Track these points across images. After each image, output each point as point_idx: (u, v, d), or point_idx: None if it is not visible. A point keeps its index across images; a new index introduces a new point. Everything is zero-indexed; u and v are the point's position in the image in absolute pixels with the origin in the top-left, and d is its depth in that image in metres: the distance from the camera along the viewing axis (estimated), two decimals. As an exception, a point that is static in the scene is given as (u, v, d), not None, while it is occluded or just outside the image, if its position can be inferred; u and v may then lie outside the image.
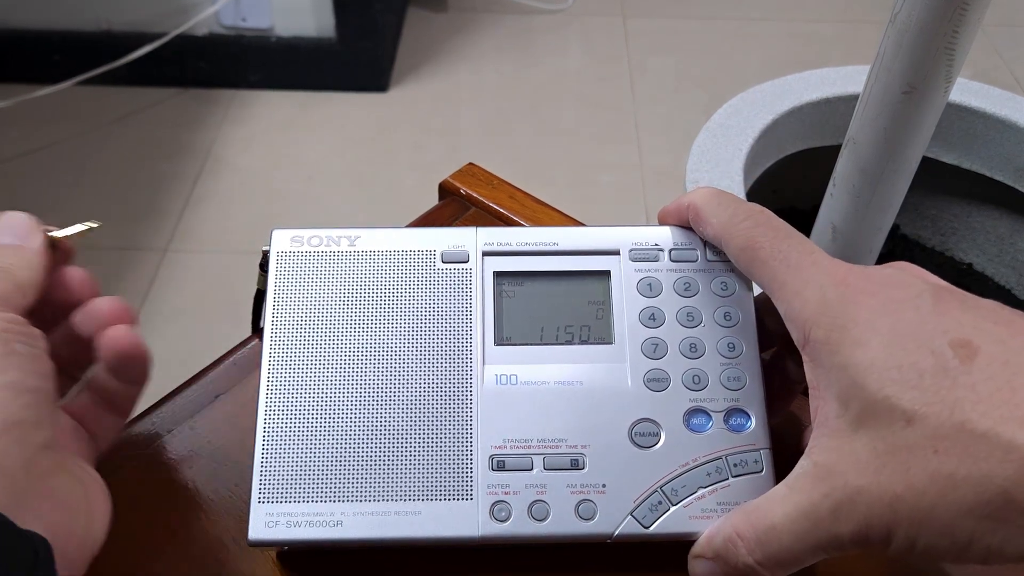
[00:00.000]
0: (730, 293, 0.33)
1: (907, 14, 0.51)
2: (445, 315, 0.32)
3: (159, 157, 1.50)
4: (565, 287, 0.33)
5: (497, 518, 0.30)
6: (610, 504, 0.30)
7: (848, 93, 0.81)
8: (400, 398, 0.31)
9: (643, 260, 0.33)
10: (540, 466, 0.31)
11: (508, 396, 0.32)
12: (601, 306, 0.33)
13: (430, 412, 0.31)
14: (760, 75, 0.88)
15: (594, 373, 0.32)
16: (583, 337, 0.33)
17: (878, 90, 0.55)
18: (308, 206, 1.43)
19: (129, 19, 1.56)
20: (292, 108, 1.61)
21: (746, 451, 0.31)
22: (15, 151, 1.50)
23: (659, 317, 0.32)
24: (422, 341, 0.32)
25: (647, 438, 0.31)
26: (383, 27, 1.62)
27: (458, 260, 0.33)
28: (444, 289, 0.33)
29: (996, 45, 1.76)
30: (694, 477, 0.31)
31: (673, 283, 0.33)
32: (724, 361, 0.32)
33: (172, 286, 1.29)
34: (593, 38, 1.81)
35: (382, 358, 0.32)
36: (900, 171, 0.59)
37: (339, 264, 0.33)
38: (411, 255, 0.33)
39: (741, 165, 0.75)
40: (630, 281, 0.33)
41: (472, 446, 0.31)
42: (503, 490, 0.30)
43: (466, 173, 0.49)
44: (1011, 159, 0.80)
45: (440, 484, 0.30)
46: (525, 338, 0.33)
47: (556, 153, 1.54)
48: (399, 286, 0.33)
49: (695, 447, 0.31)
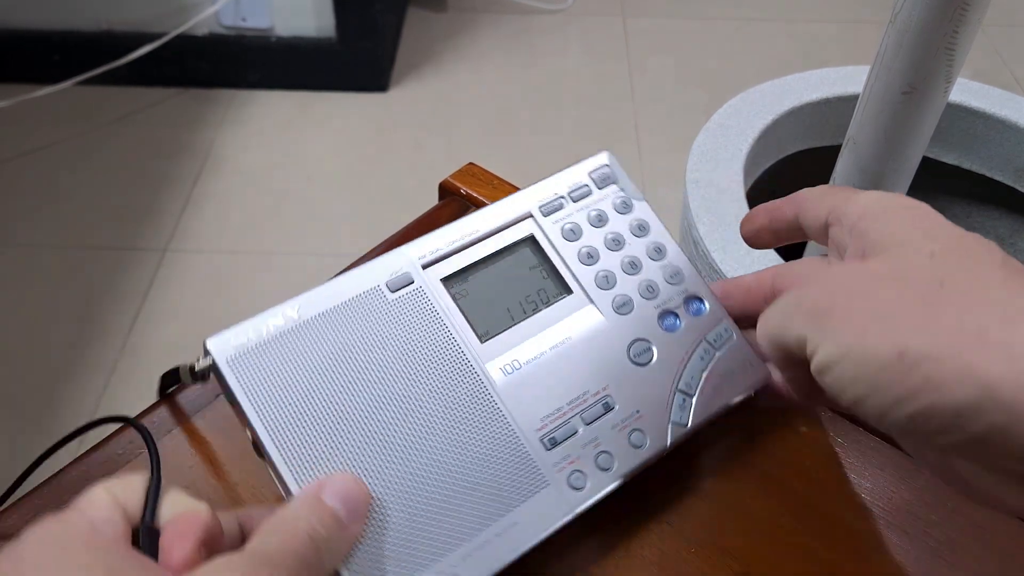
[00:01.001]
0: (631, 209, 0.37)
1: (907, 14, 0.51)
2: (422, 339, 0.32)
3: (159, 157, 1.50)
4: (504, 264, 0.35)
5: (576, 487, 0.31)
6: (651, 424, 0.33)
7: (848, 93, 0.81)
8: (433, 434, 0.31)
9: (553, 212, 0.36)
10: (582, 424, 0.32)
11: (520, 381, 0.33)
12: (542, 267, 0.35)
13: (466, 432, 0.31)
14: (760, 75, 0.88)
15: (573, 324, 0.34)
16: (544, 300, 0.35)
17: (878, 90, 0.55)
18: (308, 206, 1.43)
19: (129, 19, 1.56)
20: (292, 108, 1.61)
21: (715, 327, 0.35)
22: (15, 151, 1.50)
23: (593, 253, 0.35)
24: (418, 374, 0.31)
25: (644, 355, 0.34)
26: (383, 27, 1.62)
27: (404, 284, 0.33)
28: (407, 316, 0.32)
29: (996, 45, 1.76)
30: (694, 366, 0.34)
31: (587, 220, 0.36)
32: (658, 264, 0.36)
33: (172, 286, 1.29)
34: (593, 38, 1.81)
35: (394, 408, 0.31)
36: (900, 171, 0.59)
37: (297, 341, 0.31)
38: (359, 300, 0.32)
39: (741, 165, 0.75)
40: (553, 234, 0.35)
41: (520, 439, 0.32)
42: (567, 461, 0.32)
43: (466, 173, 0.49)
44: (1011, 159, 0.81)
45: (516, 487, 0.31)
46: (501, 325, 0.34)
47: (556, 153, 1.54)
48: (365, 334, 0.31)
49: (680, 343, 0.35)
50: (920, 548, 0.33)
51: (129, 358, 1.19)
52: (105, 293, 1.28)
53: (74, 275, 1.31)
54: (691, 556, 0.33)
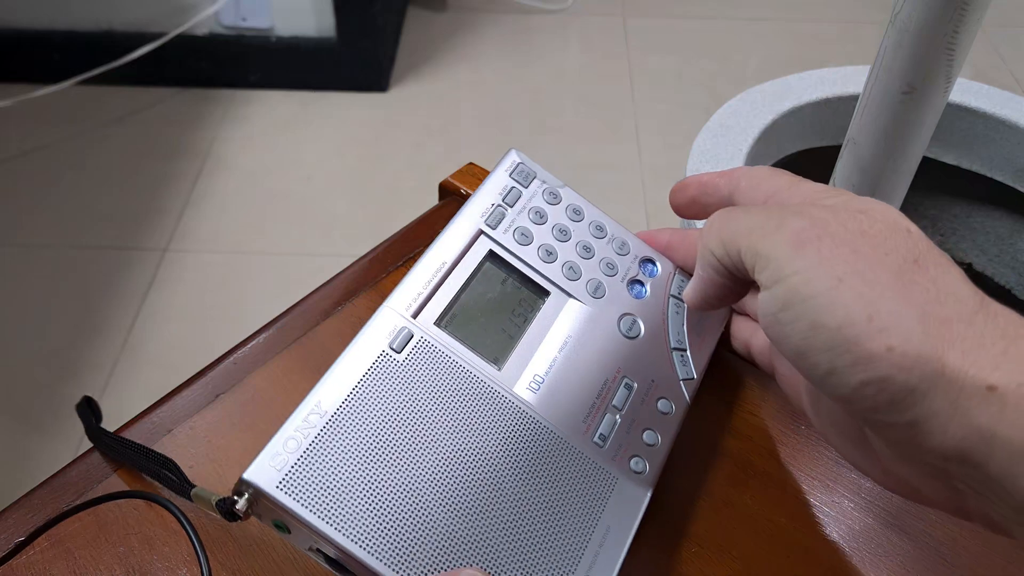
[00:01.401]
0: (559, 197, 0.38)
1: (907, 14, 0.51)
2: (447, 387, 0.31)
3: (159, 157, 1.50)
4: (479, 288, 0.35)
5: (638, 471, 0.33)
6: (666, 388, 0.35)
7: (848, 93, 0.81)
8: (499, 474, 0.30)
9: (498, 222, 0.36)
10: (617, 412, 0.34)
11: (549, 392, 0.33)
12: (512, 278, 0.35)
13: (527, 460, 0.31)
14: (760, 75, 0.88)
15: (566, 322, 0.35)
16: (529, 309, 0.35)
17: (878, 90, 0.55)
18: (308, 206, 1.43)
19: (129, 19, 1.56)
20: (292, 108, 1.61)
21: (672, 280, 0.38)
22: (15, 151, 1.50)
23: (551, 249, 0.36)
24: (459, 421, 0.31)
25: (633, 327, 0.36)
26: (383, 27, 1.62)
27: (407, 341, 0.32)
28: (424, 371, 0.31)
29: (996, 45, 1.76)
30: (673, 324, 0.37)
31: (530, 219, 0.37)
32: (604, 241, 0.37)
33: (172, 286, 1.29)
34: (593, 38, 1.81)
35: (452, 463, 0.30)
36: (900, 171, 0.59)
37: (333, 438, 0.29)
38: (373, 373, 0.31)
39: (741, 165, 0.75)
40: (507, 242, 0.36)
41: (575, 447, 0.32)
42: (621, 450, 0.33)
43: (466, 173, 0.49)
44: (1011, 159, 0.81)
45: (593, 494, 0.31)
46: (506, 348, 0.34)
47: (556, 153, 1.54)
48: (395, 403, 0.30)
49: (653, 307, 0.37)
50: (920, 548, 0.33)
51: (129, 358, 1.19)
52: (105, 293, 1.28)
53: (74, 275, 1.31)
54: (691, 556, 0.33)
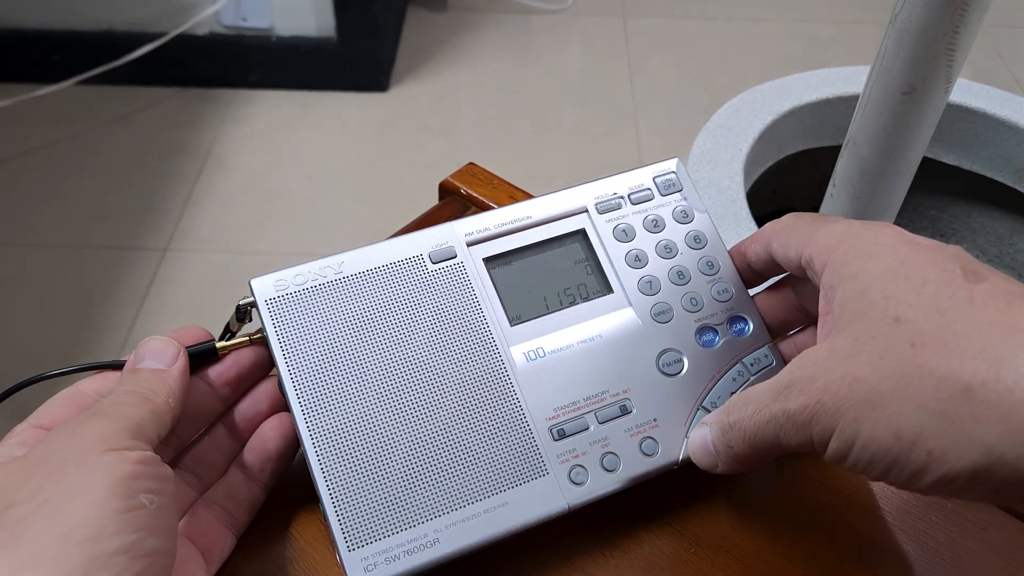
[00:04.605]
0: (691, 219, 0.36)
1: (907, 14, 0.51)
2: (454, 313, 0.33)
3: (159, 157, 1.50)
4: (550, 254, 0.35)
5: (576, 482, 0.32)
6: (666, 434, 0.33)
7: (848, 93, 0.81)
8: (445, 403, 0.31)
9: (609, 210, 0.36)
10: (595, 422, 0.32)
11: (541, 369, 0.33)
12: (588, 262, 0.35)
13: (478, 407, 0.32)
14: (760, 75, 0.88)
15: (607, 323, 0.34)
16: (583, 295, 0.35)
17: (878, 90, 0.55)
18: (308, 206, 1.43)
19: (129, 19, 1.56)
20: (292, 108, 1.61)
21: (755, 350, 0.34)
22: (15, 151, 1.50)
23: (642, 257, 0.35)
24: (443, 344, 0.32)
25: (674, 365, 0.34)
26: (383, 27, 1.62)
27: (447, 257, 0.34)
28: (444, 288, 0.33)
29: (996, 45, 1.76)
30: (724, 386, 0.34)
31: (642, 223, 0.36)
32: (708, 279, 0.35)
33: (172, 286, 1.29)
34: (593, 38, 1.81)
35: (413, 372, 0.32)
36: (900, 171, 0.59)
37: (334, 294, 0.32)
38: (400, 266, 0.33)
39: (741, 165, 0.75)
40: (605, 232, 0.35)
41: (529, 425, 0.32)
42: (572, 455, 0.32)
43: (466, 173, 0.49)
44: (1011, 160, 0.81)
45: (515, 470, 0.31)
46: (534, 312, 0.34)
47: (556, 153, 1.54)
48: (401, 298, 0.33)
49: (714, 360, 0.34)
50: (921, 548, 0.33)
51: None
52: (105, 293, 1.28)
53: (74, 274, 1.31)
54: (691, 556, 0.33)
